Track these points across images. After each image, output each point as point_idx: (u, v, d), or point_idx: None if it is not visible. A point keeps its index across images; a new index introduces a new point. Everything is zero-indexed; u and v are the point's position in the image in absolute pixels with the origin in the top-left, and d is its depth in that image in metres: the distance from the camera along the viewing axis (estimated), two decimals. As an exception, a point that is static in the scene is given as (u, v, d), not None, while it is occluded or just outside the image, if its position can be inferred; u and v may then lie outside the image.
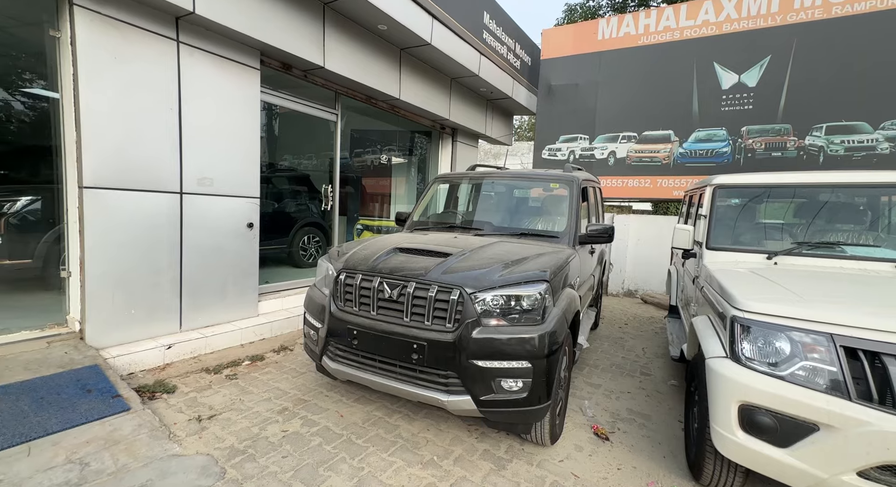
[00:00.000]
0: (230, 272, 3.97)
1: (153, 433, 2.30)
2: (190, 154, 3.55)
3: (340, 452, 2.34)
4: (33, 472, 1.90)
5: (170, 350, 3.37)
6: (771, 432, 1.74)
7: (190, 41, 3.48)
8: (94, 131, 2.96)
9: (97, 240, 3.05)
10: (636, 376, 3.76)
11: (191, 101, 3.52)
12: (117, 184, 3.11)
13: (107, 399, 2.47)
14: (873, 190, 2.70)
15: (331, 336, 2.51)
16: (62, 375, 2.60)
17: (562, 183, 3.56)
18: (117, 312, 3.20)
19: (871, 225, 2.67)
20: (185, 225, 3.57)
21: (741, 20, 6.51)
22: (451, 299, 2.18)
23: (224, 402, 2.84)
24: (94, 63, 2.94)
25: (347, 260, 2.60)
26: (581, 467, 2.34)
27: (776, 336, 1.82)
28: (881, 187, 2.67)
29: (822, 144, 6.10)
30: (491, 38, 6.74)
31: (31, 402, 2.31)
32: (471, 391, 2.14)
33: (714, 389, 1.91)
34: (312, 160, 8.27)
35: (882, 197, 2.68)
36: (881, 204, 2.68)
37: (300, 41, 4.17)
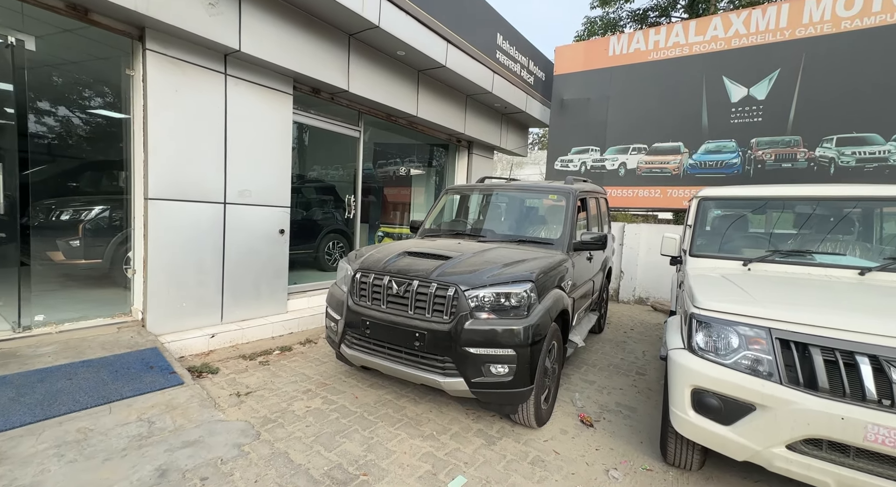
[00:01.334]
0: (264, 273, 4.50)
1: (202, 402, 2.78)
2: (232, 169, 4.11)
3: (354, 425, 2.75)
4: (115, 425, 2.40)
5: (213, 339, 3.89)
6: (716, 411, 2.03)
7: (235, 73, 4.06)
8: (158, 151, 3.54)
9: (157, 244, 3.62)
10: (631, 375, 4.01)
11: (234, 124, 4.09)
12: (174, 196, 3.68)
13: (165, 375, 2.98)
14: (842, 203, 2.91)
15: (348, 327, 2.94)
16: (130, 354, 3.13)
17: (559, 195, 3.89)
18: (171, 305, 3.75)
19: (840, 235, 2.88)
20: (228, 231, 4.12)
21: (750, 35, 6.67)
22: (447, 295, 2.57)
23: (258, 383, 3.31)
24: (160, 95, 3.53)
25: (363, 262, 3.04)
26: (563, 446, 2.65)
27: (725, 330, 2.11)
28: (848, 200, 2.88)
29: (833, 156, 6.15)
30: (504, 57, 7.16)
31: (109, 373, 2.84)
32: (464, 374, 2.51)
33: (672, 376, 2.21)
34: (339, 171, 8.87)
35: (849, 209, 2.89)
36: (849, 216, 2.89)
37: (328, 69, 4.71)
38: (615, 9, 16.45)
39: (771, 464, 1.91)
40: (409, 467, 2.33)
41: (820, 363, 1.86)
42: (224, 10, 3.68)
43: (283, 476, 2.18)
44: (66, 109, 5.45)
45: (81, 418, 2.42)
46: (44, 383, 2.62)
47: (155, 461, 2.17)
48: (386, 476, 2.24)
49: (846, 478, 1.76)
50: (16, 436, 2.21)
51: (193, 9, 3.47)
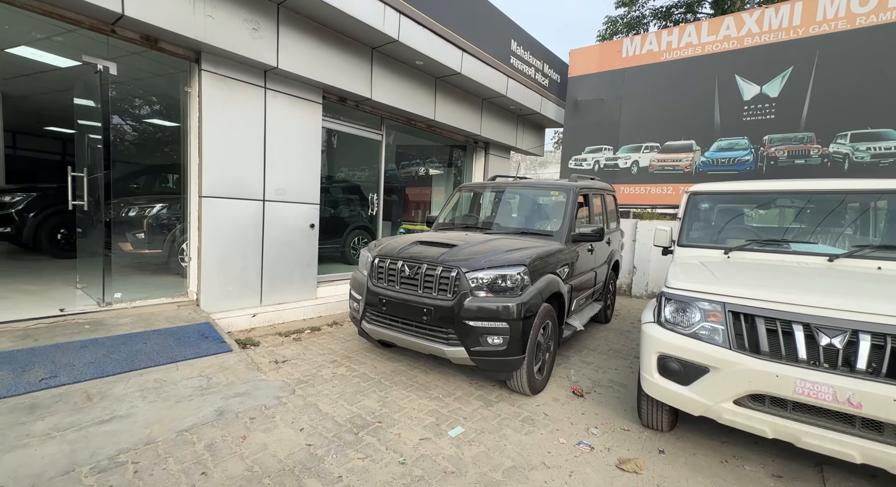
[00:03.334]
0: (297, 263, 5.07)
1: (247, 366, 3.33)
2: (270, 171, 4.70)
3: (372, 387, 3.23)
4: (181, 378, 2.98)
5: (254, 318, 4.48)
6: (677, 374, 2.36)
7: (273, 87, 4.65)
8: (210, 156, 4.16)
9: (209, 236, 4.23)
10: (629, 358, 4.31)
11: (272, 130, 4.67)
12: (223, 194, 4.29)
13: (217, 343, 3.56)
14: (818, 196, 3.14)
15: (368, 305, 3.42)
16: (189, 327, 3.74)
17: (561, 191, 4.24)
18: (220, 288, 4.36)
19: (814, 226, 3.11)
20: (266, 225, 4.71)
21: (763, 34, 6.75)
22: (451, 276, 3.00)
23: (292, 354, 3.85)
24: (212, 108, 4.14)
25: (381, 249, 3.51)
26: (552, 410, 3.03)
27: (689, 305, 2.44)
28: (821, 193, 3.11)
29: (847, 152, 6.17)
30: (518, 62, 7.52)
31: (174, 340, 3.44)
32: (464, 344, 2.93)
33: (643, 345, 2.56)
34: (363, 172, 9.46)
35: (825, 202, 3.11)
36: (823, 209, 3.11)
37: (353, 80, 5.24)
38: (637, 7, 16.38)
39: (720, 417, 2.23)
40: (417, 419, 2.78)
41: (763, 331, 2.17)
42: (264, 33, 4.26)
43: (313, 419, 2.67)
44: (133, 120, 6.25)
45: (156, 372, 3.01)
46: (126, 345, 3.24)
47: (214, 404, 2.72)
48: (397, 424, 2.70)
49: (780, 426, 2.07)
50: (110, 382, 2.81)
51: (240, 33, 4.06)
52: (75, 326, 3.42)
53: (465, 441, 2.55)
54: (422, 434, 2.60)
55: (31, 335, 3.19)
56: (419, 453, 2.40)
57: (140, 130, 6.49)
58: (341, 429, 2.59)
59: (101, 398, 2.64)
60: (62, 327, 3.36)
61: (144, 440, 2.31)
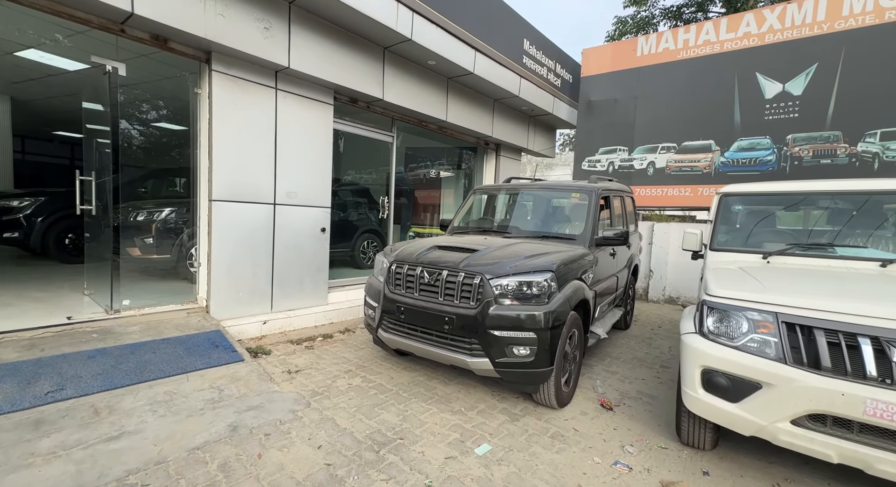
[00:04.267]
0: (307, 268, 4.94)
1: (260, 376, 3.19)
2: (281, 173, 4.58)
3: (390, 400, 3.07)
4: (192, 390, 2.84)
5: (265, 325, 4.35)
6: (725, 390, 2.18)
7: (284, 87, 4.53)
8: (220, 158, 4.04)
9: (219, 240, 4.11)
10: (655, 368, 4.11)
11: (283, 132, 4.55)
12: (233, 197, 4.17)
13: (228, 353, 3.42)
14: (862, 197, 2.94)
15: (384, 313, 3.27)
16: (199, 335, 3.61)
17: (583, 193, 4.08)
18: (230, 294, 4.24)
19: (861, 228, 2.91)
20: (277, 229, 4.58)
21: (784, 30, 6.54)
22: (474, 283, 2.84)
23: (305, 363, 3.71)
24: (222, 110, 4.03)
25: (397, 254, 3.36)
26: (582, 425, 2.85)
27: (735, 315, 2.26)
28: (867, 194, 2.92)
29: (877, 151, 5.93)
30: (531, 62, 7.37)
31: (183, 349, 3.31)
32: (489, 355, 2.77)
33: (684, 357, 2.38)
34: (372, 175, 9.35)
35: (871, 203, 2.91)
36: (871, 210, 2.91)
37: (365, 80, 5.12)
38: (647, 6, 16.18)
39: (776, 438, 2.04)
40: (440, 435, 2.62)
41: (823, 344, 1.98)
42: (276, 32, 4.15)
43: (331, 435, 2.52)
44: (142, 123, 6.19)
45: (166, 383, 2.88)
46: (134, 355, 3.11)
47: (227, 419, 2.58)
48: (419, 440, 2.54)
49: (847, 450, 1.88)
50: (118, 394, 2.68)
51: (251, 33, 3.95)
52: (82, 335, 3.30)
53: (494, 460, 2.39)
54: (447, 452, 2.43)
55: (38, 345, 3.07)
56: (445, 473, 2.24)
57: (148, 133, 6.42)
58: (361, 447, 2.43)
59: (109, 412, 2.51)
60: (69, 335, 3.25)
61: (155, 459, 2.17)
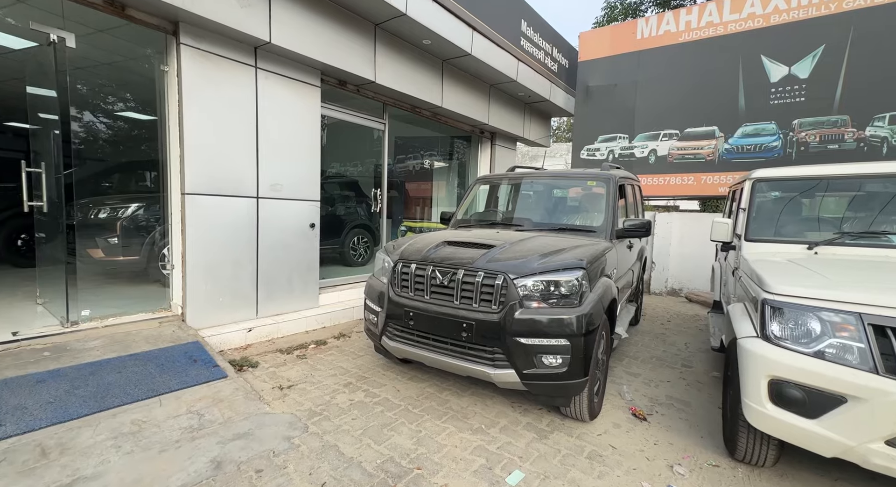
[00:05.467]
0: (296, 267, 4.49)
1: (247, 395, 2.77)
2: (264, 163, 4.10)
3: (400, 418, 2.69)
4: (166, 417, 2.40)
5: (250, 333, 3.90)
6: (800, 404, 1.88)
7: (265, 66, 4.03)
8: (193, 146, 3.55)
9: (195, 239, 3.63)
10: (677, 367, 3.85)
11: (265, 117, 4.06)
12: (210, 190, 3.69)
13: (209, 368, 2.98)
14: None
15: (389, 318, 2.88)
16: (174, 348, 3.15)
17: (599, 181, 3.74)
18: (209, 300, 3.77)
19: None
20: (261, 226, 4.11)
21: (791, 11, 6.31)
22: (495, 284, 2.47)
23: (298, 376, 3.29)
24: (194, 90, 3.52)
25: (402, 252, 2.96)
26: (618, 440, 2.54)
27: (805, 316, 1.95)
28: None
29: (886, 135, 5.78)
30: (528, 45, 6.98)
31: (155, 366, 2.85)
32: (514, 366, 2.41)
33: (745, 366, 2.06)
34: (358, 167, 8.86)
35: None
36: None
37: (355, 59, 4.64)
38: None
39: (867, 461, 1.75)
40: (463, 461, 2.26)
41: (922, 350, 1.69)
42: (255, 2, 3.65)
43: (336, 468, 2.13)
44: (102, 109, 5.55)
45: (134, 410, 2.43)
46: (95, 376, 2.65)
47: (209, 452, 2.16)
48: (440, 469, 2.17)
49: (957, 476, 1.60)
50: (74, 428, 2.22)
51: (226, 1, 3.44)
52: (31, 354, 2.80)
53: (529, 491, 2.04)
54: (474, 483, 2.08)
55: (-25, 368, 2.57)
56: (476, 513, 1.88)
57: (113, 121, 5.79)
58: (374, 481, 2.05)
59: (60, 452, 2.06)
60: (14, 356, 2.75)
61: (116, 514, 1.74)
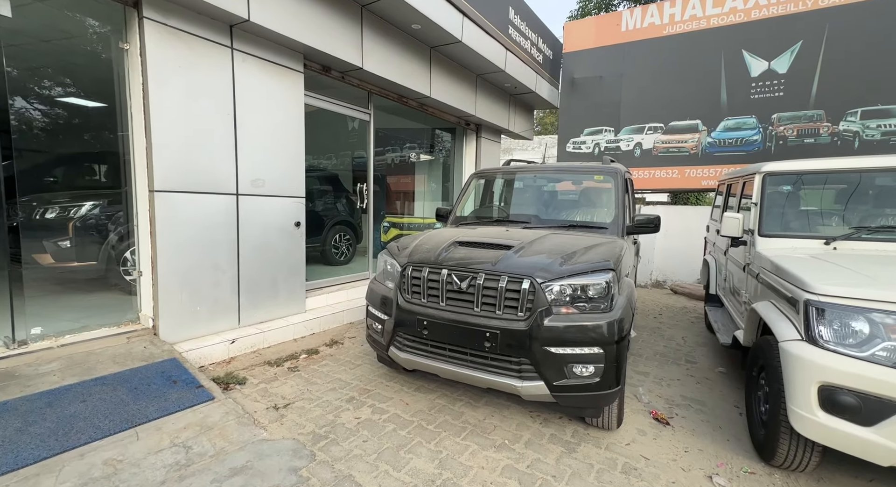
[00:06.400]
0: (281, 270, 4.12)
1: (240, 419, 2.44)
2: (244, 156, 3.69)
3: (415, 437, 2.45)
4: (147, 454, 2.05)
5: (233, 345, 3.52)
6: (854, 411, 1.79)
7: (242, 48, 3.61)
8: (163, 137, 3.11)
9: (167, 241, 3.21)
10: (682, 364, 3.81)
11: (244, 105, 3.65)
12: (183, 187, 3.26)
13: (192, 390, 2.62)
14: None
15: (399, 327, 2.62)
16: (147, 367, 2.76)
17: (606, 175, 3.61)
18: (185, 309, 3.36)
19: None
20: (242, 225, 3.72)
21: (770, 6, 6.43)
22: (522, 288, 2.27)
23: (294, 392, 2.98)
24: (162, 72, 3.08)
25: (411, 255, 2.70)
26: (648, 450, 2.41)
27: (855, 318, 1.86)
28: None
29: (858, 129, 6.01)
30: (516, 34, 6.77)
31: (127, 392, 2.47)
32: (544, 377, 2.23)
33: (791, 371, 1.97)
34: (332, 160, 8.42)
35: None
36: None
37: (341, 44, 4.27)
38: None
39: (925, 468, 1.69)
40: (494, 485, 2.06)
41: (981, 352, 1.63)
42: (229, -28, 3.23)
43: (355, 505, 1.87)
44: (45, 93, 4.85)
45: (106, 447, 2.06)
46: (53, 408, 2.24)
47: (203, 497, 1.84)
48: (472, 498, 1.97)
49: None
50: (30, 476, 1.84)
51: (196, -31, 3.01)
52: (-29, 384, 2.35)
53: (572, 516, 1.87)
54: (510, 512, 1.88)
55: None
56: (521, 548, 1.69)
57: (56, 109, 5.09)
58: (399, 519, 1.81)
59: (15, 508, 1.69)
60: (-51, 388, 2.29)
61: None
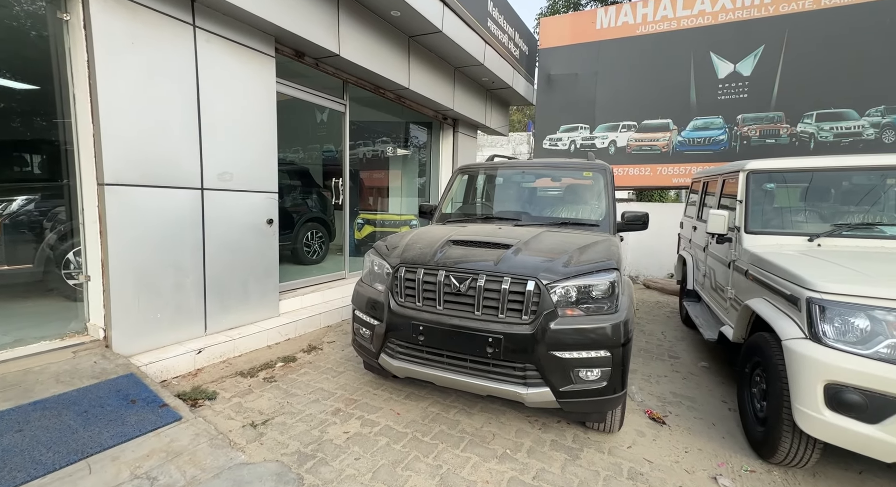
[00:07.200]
0: (252, 271, 3.79)
1: (213, 441, 2.17)
2: (209, 147, 3.34)
3: (411, 450, 2.28)
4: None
5: (200, 355, 3.19)
6: (860, 409, 1.80)
7: (206, 26, 3.25)
8: (114, 124, 2.73)
9: (120, 241, 2.83)
10: (666, 359, 3.86)
11: (209, 90, 3.30)
12: (139, 180, 2.89)
13: (154, 409, 2.31)
14: None
15: (390, 332, 2.43)
16: (99, 386, 2.41)
17: (595, 171, 3.56)
18: (143, 317, 3.00)
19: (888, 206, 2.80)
20: (207, 223, 3.37)
21: (735, 10, 6.67)
22: (526, 290, 2.14)
23: (272, 406, 2.72)
24: (111, 49, 2.69)
25: (404, 255, 2.52)
26: (650, 452, 2.37)
27: (857, 316, 1.88)
28: None
29: (813, 131, 6.37)
30: (494, 27, 6.65)
31: (75, 416, 2.13)
32: (550, 383, 2.12)
33: (796, 370, 1.96)
34: (301, 154, 8.01)
35: None
36: None
37: (316, 27, 3.97)
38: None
39: (928, 462, 1.72)
40: (501, 501, 1.93)
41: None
42: (191, -62, 2.87)
43: (354, 536, 1.68)
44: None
45: (51, 486, 1.75)
46: (-18, 441, 1.89)
47: (174, 539, 1.59)
48: (480, 517, 1.83)
49: None
50: (-48, 532, 1.52)
51: (151, -68, 2.65)
52: None
53: (587, 531, 1.77)
54: (522, 531, 1.76)
55: None
56: (539, 572, 1.57)
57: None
58: (404, 548, 1.64)
59: (-68, 573, 1.37)
60: None
61: None
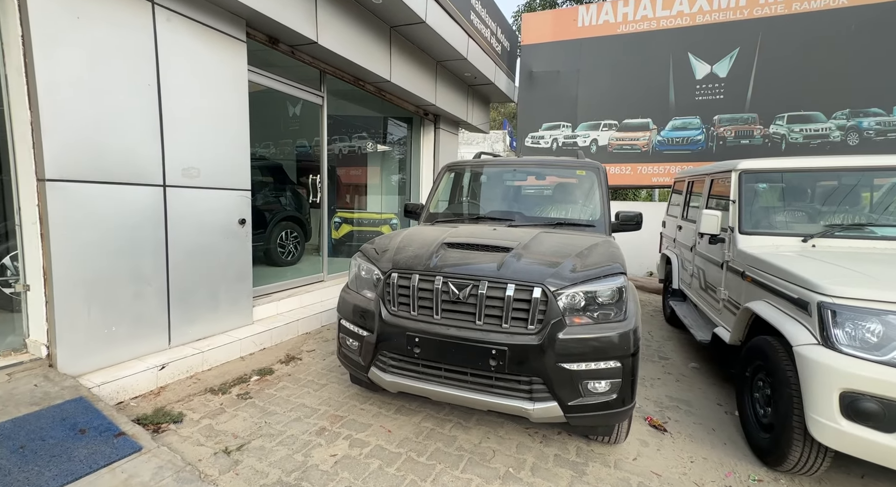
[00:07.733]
0: (222, 276, 3.47)
1: (179, 475, 1.90)
2: (172, 139, 3.00)
3: (407, 474, 2.09)
4: (41, 551, 1.47)
5: (163, 371, 2.86)
6: (877, 418, 1.74)
7: (166, 3, 2.90)
8: (56, 111, 2.37)
9: (66, 245, 2.47)
10: (656, 361, 3.82)
11: (171, 76, 2.95)
12: (89, 176, 2.53)
13: (108, 439, 2.01)
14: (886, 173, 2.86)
15: (382, 343, 2.22)
16: (40, 414, 2.08)
17: (588, 170, 3.46)
18: (94, 330, 2.64)
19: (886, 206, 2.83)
20: (171, 223, 3.03)
21: (713, 12, 6.79)
22: (532, 297, 1.98)
23: (247, 427, 2.45)
24: (52, 24, 2.33)
25: (395, 259, 2.31)
26: (656, 464, 2.27)
27: (871, 321, 1.82)
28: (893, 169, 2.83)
29: (784, 133, 6.58)
30: (477, 21, 6.48)
31: (8, 454, 1.80)
32: (557, 397, 1.97)
33: (810, 378, 1.89)
34: (273, 149, 7.61)
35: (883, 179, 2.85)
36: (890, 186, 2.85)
37: (291, 11, 3.66)
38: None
39: (945, 471, 1.68)
40: (510, 529, 1.77)
41: None
42: None
43: None
44: None
45: (-26, 549, 1.44)
46: None
47: None
48: (489, 551, 1.65)
49: None
50: None
51: None
52: None
53: (604, 560, 1.63)
54: (536, 564, 1.60)
55: None
56: None
57: None
58: None
59: None
60: None
61: None
